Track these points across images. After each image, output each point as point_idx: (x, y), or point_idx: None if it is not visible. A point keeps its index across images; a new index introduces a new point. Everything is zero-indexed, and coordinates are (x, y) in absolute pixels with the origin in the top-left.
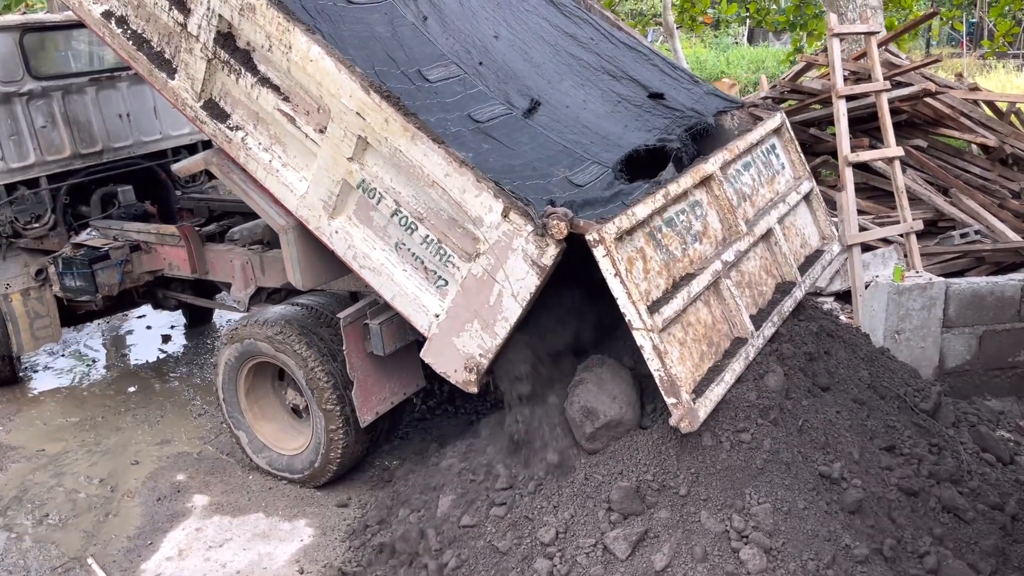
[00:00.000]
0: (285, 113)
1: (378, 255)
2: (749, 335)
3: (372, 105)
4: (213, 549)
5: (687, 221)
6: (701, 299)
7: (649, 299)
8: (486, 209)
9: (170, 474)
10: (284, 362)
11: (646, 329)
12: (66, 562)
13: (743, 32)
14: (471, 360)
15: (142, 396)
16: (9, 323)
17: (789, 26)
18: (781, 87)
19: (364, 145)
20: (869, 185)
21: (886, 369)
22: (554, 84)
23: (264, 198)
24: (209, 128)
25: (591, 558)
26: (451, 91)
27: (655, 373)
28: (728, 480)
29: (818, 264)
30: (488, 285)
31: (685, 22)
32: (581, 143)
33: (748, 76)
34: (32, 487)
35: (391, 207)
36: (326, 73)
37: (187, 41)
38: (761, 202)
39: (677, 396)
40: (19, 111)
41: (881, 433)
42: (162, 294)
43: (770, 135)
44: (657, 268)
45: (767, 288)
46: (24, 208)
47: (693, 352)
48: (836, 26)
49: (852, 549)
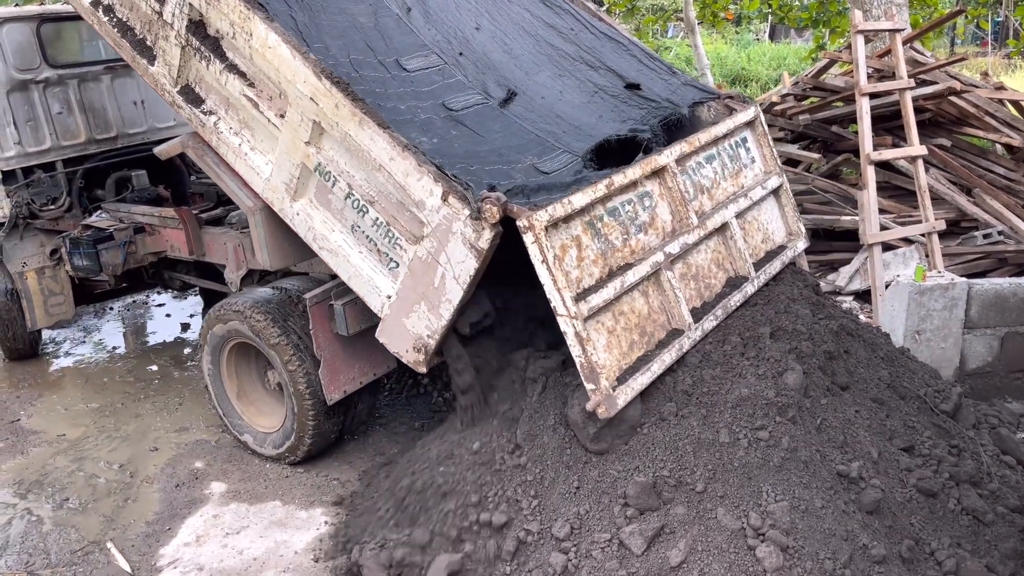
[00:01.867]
0: (250, 98)
1: (336, 237)
2: (687, 327)
3: (323, 90)
4: (230, 536)
5: (633, 212)
6: (638, 289)
7: (580, 287)
8: (427, 193)
9: (188, 461)
10: (258, 343)
11: (569, 316)
12: (85, 546)
13: (765, 29)
14: (419, 340)
15: (161, 383)
16: (24, 299)
17: (812, 23)
18: (803, 84)
19: (319, 130)
20: (891, 184)
21: (906, 369)
22: (532, 75)
23: (235, 181)
24: (185, 112)
25: (606, 553)
26: (428, 80)
27: (576, 359)
28: (745, 477)
29: (777, 260)
30: (432, 267)
31: (706, 18)
32: (553, 132)
33: (769, 73)
34: (53, 471)
35: (345, 190)
36: (283, 59)
37: (163, 29)
38: (721, 195)
39: (596, 383)
40: (36, 98)
41: (900, 433)
42: (168, 275)
43: (741, 128)
44: (592, 257)
45: (716, 281)
46: (40, 191)
47: (622, 340)
48: (861, 23)
49: (869, 549)
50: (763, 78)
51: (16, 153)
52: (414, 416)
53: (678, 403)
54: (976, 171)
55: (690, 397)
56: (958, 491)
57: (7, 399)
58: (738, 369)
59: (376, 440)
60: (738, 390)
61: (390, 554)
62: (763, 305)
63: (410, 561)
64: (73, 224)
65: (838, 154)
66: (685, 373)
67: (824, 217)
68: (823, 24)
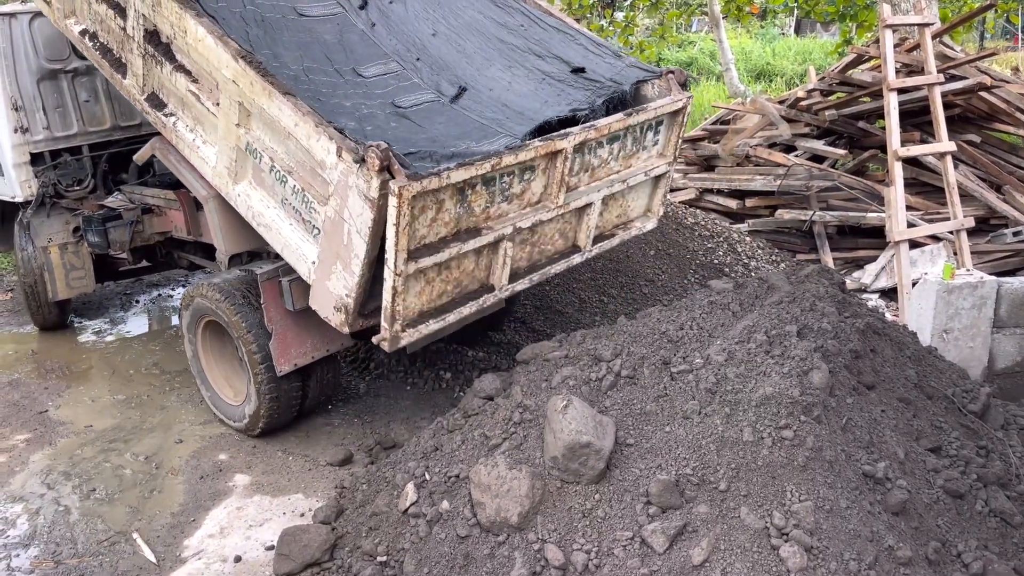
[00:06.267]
0: (194, 93)
1: (270, 213)
2: (499, 288)
3: (240, 71)
4: (253, 528)
5: (508, 183)
6: (474, 251)
7: (420, 243)
8: (326, 152)
9: (212, 453)
10: (219, 318)
11: (395, 273)
12: (112, 536)
13: (790, 23)
14: (339, 300)
15: (186, 376)
16: (47, 272)
17: (839, 17)
18: (830, 79)
19: (246, 112)
20: (919, 181)
21: (934, 369)
22: (482, 70)
23: (193, 174)
24: (151, 117)
25: (628, 551)
26: (383, 84)
27: (384, 304)
28: (769, 476)
29: (617, 237)
30: (340, 225)
31: (731, 12)
32: (497, 119)
33: (794, 68)
34: (80, 462)
35: (269, 164)
36: (210, 48)
37: (128, 42)
38: (603, 174)
39: (391, 325)
40: (64, 86)
41: (928, 433)
42: (176, 254)
43: (663, 116)
44: (446, 219)
45: (552, 247)
46: (67, 172)
47: (435, 289)
48: (889, 17)
49: (895, 550)
50: (788, 73)
51: (45, 137)
52: (436, 411)
53: (701, 401)
54: (1006, 167)
55: (714, 395)
56: (986, 493)
57: (35, 390)
58: (762, 367)
59: (397, 435)
60: (762, 388)
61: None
62: (788, 303)
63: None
64: (96, 205)
65: (864, 150)
66: (709, 371)
67: (850, 214)
68: (850, 18)
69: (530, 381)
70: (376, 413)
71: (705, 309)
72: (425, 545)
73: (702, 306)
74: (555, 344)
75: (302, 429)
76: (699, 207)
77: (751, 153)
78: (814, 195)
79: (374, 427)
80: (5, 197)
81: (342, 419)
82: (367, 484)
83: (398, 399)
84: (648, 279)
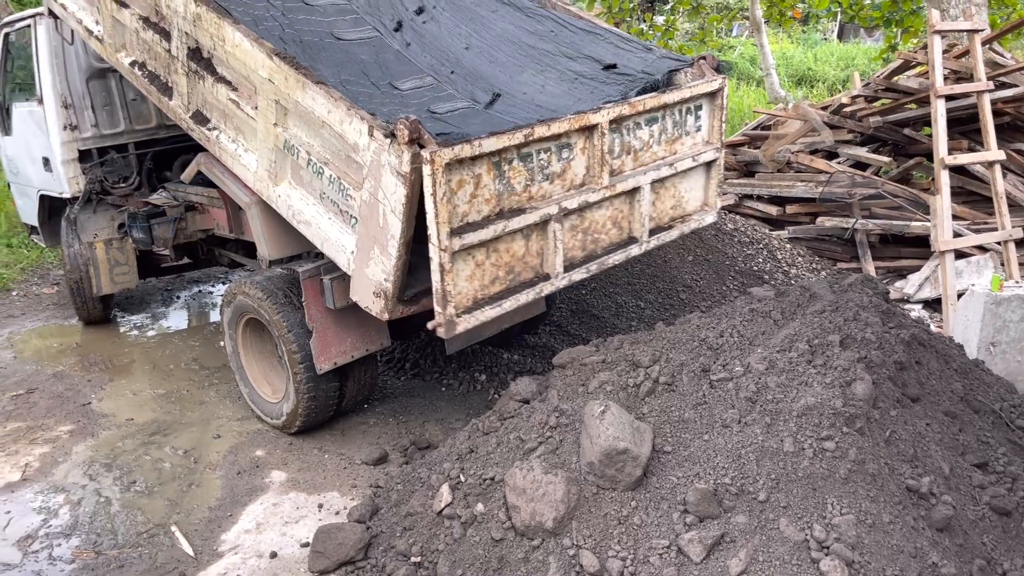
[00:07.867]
0: (234, 100)
1: (310, 209)
2: (555, 276)
3: (275, 68)
4: (289, 525)
5: (546, 160)
6: (521, 233)
7: (464, 221)
8: (358, 133)
9: (250, 449)
10: (260, 316)
11: (439, 248)
12: (151, 528)
13: (833, 28)
14: (379, 286)
15: (225, 372)
16: (92, 267)
17: (883, 22)
18: (874, 85)
19: (283, 110)
20: (965, 190)
21: (980, 382)
22: (515, 77)
23: (236, 183)
24: (196, 134)
25: (664, 559)
26: (419, 95)
27: (434, 285)
28: (810, 488)
29: (676, 229)
30: (375, 208)
31: (773, 16)
32: (531, 119)
33: (836, 74)
34: (121, 455)
35: (306, 158)
36: (246, 52)
37: (173, 63)
38: (648, 159)
39: (444, 308)
40: (112, 86)
41: (974, 448)
42: (218, 252)
43: (699, 97)
44: (487, 196)
45: (606, 237)
46: (113, 169)
47: (486, 274)
48: (938, 23)
49: (939, 568)
50: (830, 79)
51: (93, 135)
52: (470, 412)
53: (741, 410)
54: None
55: (754, 404)
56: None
57: (79, 382)
58: (804, 377)
59: (432, 435)
60: (804, 398)
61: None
62: (831, 312)
63: None
64: (140, 202)
65: (909, 157)
66: (749, 379)
67: (893, 222)
68: (895, 24)
69: (567, 385)
70: (411, 413)
71: (746, 316)
72: (459, 547)
73: (743, 313)
74: (592, 349)
75: (338, 427)
76: (739, 213)
77: (792, 159)
78: (857, 203)
79: (409, 427)
80: (53, 193)
81: (378, 418)
82: (402, 484)
83: (433, 400)
84: (686, 285)
